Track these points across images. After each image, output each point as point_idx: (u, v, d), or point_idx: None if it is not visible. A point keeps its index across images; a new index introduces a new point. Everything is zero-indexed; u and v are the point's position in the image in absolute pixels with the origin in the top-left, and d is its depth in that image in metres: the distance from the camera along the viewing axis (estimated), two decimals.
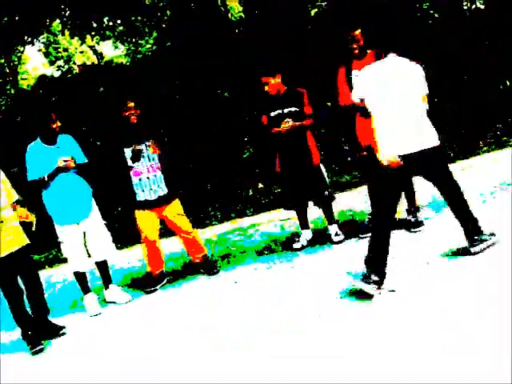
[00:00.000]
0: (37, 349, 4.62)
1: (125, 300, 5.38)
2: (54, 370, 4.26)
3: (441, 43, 8.52)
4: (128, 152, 5.23)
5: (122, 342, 4.40)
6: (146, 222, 5.37)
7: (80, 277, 5.37)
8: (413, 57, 4.22)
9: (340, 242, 5.36)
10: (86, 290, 5.40)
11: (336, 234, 5.42)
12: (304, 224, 5.66)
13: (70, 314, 5.50)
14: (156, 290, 5.45)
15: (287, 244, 5.74)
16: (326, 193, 5.41)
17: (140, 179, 5.27)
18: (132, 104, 5.22)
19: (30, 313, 4.85)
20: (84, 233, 5.26)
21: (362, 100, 4.27)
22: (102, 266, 5.46)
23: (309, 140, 5.37)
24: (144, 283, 5.61)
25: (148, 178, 5.26)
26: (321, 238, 5.60)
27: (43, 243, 7.90)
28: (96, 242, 5.32)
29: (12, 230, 4.61)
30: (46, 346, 4.75)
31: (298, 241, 5.62)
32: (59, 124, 5.06)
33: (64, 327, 4.98)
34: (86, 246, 5.34)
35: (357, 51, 5.02)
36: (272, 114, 5.32)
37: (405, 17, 8.32)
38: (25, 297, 4.78)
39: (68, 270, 5.59)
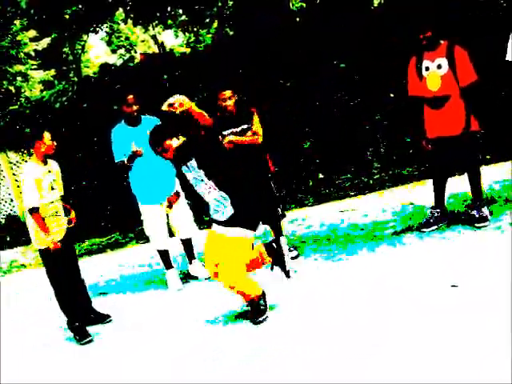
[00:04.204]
0: (86, 340, 4.65)
1: (204, 276, 5.42)
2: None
3: None
4: None
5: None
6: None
7: (163, 254, 5.57)
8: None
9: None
10: (168, 265, 5.59)
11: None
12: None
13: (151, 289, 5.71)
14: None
15: (345, 235, 5.72)
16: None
17: None
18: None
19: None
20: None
21: None
22: (187, 243, 5.66)
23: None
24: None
25: None
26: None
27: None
28: (180, 220, 5.51)
29: (60, 221, 4.74)
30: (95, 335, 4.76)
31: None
32: (135, 108, 5.19)
33: (109, 316, 5.03)
34: (168, 225, 5.53)
35: (425, 42, 4.94)
36: None
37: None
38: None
39: (150, 248, 5.80)
